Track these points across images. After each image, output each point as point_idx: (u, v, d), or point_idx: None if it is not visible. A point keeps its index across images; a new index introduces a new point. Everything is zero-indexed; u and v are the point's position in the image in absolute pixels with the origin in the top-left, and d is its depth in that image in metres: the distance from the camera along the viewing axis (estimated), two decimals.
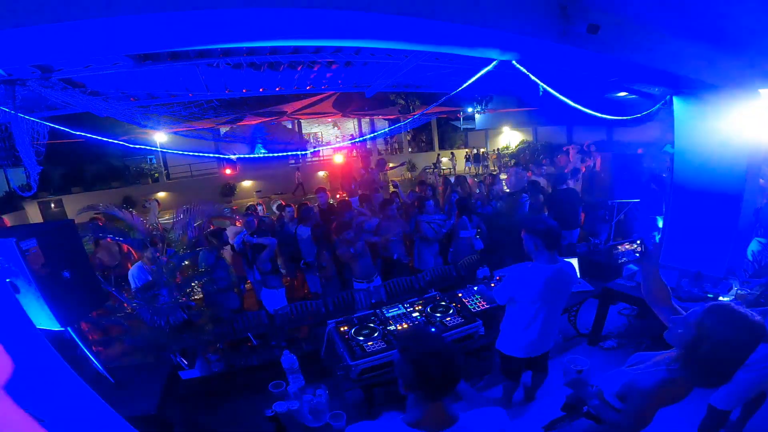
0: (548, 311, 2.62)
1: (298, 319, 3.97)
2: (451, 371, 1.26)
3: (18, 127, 2.68)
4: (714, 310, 1.46)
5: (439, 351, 1.26)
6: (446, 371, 1.25)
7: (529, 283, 2.52)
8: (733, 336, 1.37)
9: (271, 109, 7.83)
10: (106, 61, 2.99)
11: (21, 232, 1.76)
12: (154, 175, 17.35)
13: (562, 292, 2.65)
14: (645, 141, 13.54)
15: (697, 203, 4.43)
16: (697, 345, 1.43)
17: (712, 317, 1.43)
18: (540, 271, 2.50)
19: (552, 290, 2.55)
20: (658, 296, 1.86)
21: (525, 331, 2.65)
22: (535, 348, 2.72)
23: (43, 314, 1.79)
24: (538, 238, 2.48)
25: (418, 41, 2.55)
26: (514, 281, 2.60)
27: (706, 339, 1.41)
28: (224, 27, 1.93)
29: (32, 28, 1.54)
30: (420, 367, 1.25)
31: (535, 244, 2.51)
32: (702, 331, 1.43)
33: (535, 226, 2.51)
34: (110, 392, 2.05)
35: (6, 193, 12.56)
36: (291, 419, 2.13)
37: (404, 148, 21.92)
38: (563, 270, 2.54)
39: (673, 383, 1.51)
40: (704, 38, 3.33)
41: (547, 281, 2.49)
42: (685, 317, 1.54)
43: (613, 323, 4.22)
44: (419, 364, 1.25)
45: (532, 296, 2.54)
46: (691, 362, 1.46)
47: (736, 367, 1.41)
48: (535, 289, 2.52)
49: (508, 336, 2.75)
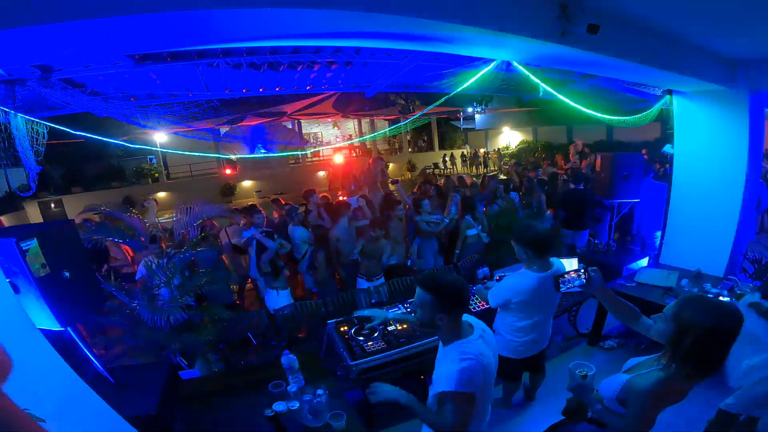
0: (541, 314, 2.62)
1: (298, 319, 3.96)
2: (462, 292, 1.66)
3: (17, 127, 2.68)
4: (688, 302, 1.51)
5: (450, 280, 1.66)
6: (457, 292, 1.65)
7: (522, 292, 2.53)
8: (712, 323, 1.40)
9: (272, 109, 7.83)
10: (106, 61, 2.99)
11: (21, 232, 1.76)
12: (154, 175, 17.35)
13: (556, 295, 2.64)
14: (645, 141, 13.55)
15: (697, 203, 4.43)
16: (680, 338, 1.46)
17: (688, 309, 1.47)
18: (533, 280, 2.50)
19: (544, 296, 2.55)
20: (627, 316, 1.94)
21: (517, 334, 2.65)
22: (528, 349, 2.71)
23: (43, 314, 1.79)
24: (527, 247, 2.49)
25: (418, 41, 2.55)
26: (506, 289, 2.61)
27: (687, 331, 1.44)
28: (224, 27, 1.94)
29: (32, 28, 1.54)
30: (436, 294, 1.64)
31: (525, 253, 2.51)
32: (681, 324, 1.46)
33: (523, 236, 2.51)
34: (110, 392, 2.05)
35: (6, 193, 12.56)
36: (291, 419, 2.13)
37: (404, 148, 21.91)
38: (557, 273, 2.54)
39: (669, 381, 1.52)
40: (704, 38, 3.33)
41: (539, 288, 2.49)
42: (663, 312, 1.58)
43: (613, 323, 4.22)
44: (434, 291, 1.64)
45: (524, 303, 2.55)
46: (679, 356, 1.48)
47: (725, 353, 1.44)
48: (527, 296, 2.52)
49: (502, 338, 2.74)
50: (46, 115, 3.51)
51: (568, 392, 1.92)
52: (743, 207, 4.09)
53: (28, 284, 1.72)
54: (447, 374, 1.59)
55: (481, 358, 1.60)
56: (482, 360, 1.61)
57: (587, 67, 3.42)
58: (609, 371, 1.84)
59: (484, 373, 1.62)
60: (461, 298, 1.67)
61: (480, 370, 1.59)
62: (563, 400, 2.12)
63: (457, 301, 1.66)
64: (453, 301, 1.66)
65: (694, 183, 4.44)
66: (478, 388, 1.60)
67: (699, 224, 4.38)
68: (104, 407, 1.79)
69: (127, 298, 2.95)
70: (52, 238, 1.87)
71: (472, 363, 1.57)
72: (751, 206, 4.34)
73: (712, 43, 3.45)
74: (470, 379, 1.56)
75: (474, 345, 1.64)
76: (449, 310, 1.66)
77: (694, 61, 3.55)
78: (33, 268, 1.72)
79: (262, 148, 8.51)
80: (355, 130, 21.09)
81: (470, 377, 1.56)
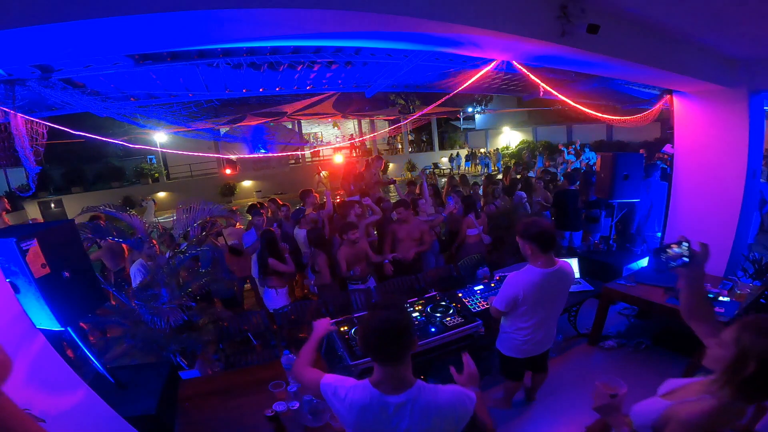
0: (547, 312, 2.62)
1: (298, 319, 3.96)
2: (393, 344, 1.40)
3: (17, 127, 2.68)
4: (749, 325, 1.36)
5: (383, 326, 1.40)
6: (387, 343, 1.40)
7: (528, 287, 2.52)
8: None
9: (272, 109, 7.83)
10: (106, 61, 2.99)
11: (21, 232, 1.76)
12: (154, 175, 17.36)
13: (561, 292, 2.65)
14: (645, 141, 13.56)
15: (697, 203, 4.43)
16: (741, 365, 1.32)
17: (750, 332, 1.34)
18: (537, 275, 2.49)
19: (550, 292, 2.55)
20: (699, 312, 1.69)
21: (524, 333, 2.65)
22: (535, 348, 2.71)
23: (43, 314, 1.79)
24: (532, 242, 2.48)
25: (418, 41, 2.55)
26: (513, 285, 2.58)
27: (749, 356, 1.31)
28: (224, 27, 1.93)
29: (32, 28, 1.54)
30: (363, 338, 1.45)
31: (530, 249, 2.50)
32: (742, 348, 1.33)
33: (528, 231, 2.50)
34: (110, 392, 2.05)
35: (6, 193, 12.57)
36: (291, 419, 2.13)
37: (404, 148, 21.93)
38: (562, 270, 2.54)
39: (722, 410, 1.38)
40: (704, 38, 3.33)
41: (544, 284, 2.49)
42: (720, 337, 1.43)
43: (613, 323, 4.22)
44: (364, 334, 1.44)
45: (530, 300, 2.54)
46: (739, 384, 1.34)
47: None
48: (532, 292, 2.51)
49: (507, 337, 2.75)
50: (46, 115, 3.51)
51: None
52: (743, 207, 4.09)
53: (28, 284, 1.72)
54: None
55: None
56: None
57: (587, 67, 3.42)
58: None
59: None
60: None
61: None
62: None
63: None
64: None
65: (694, 183, 4.44)
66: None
67: (699, 224, 4.38)
68: (104, 407, 1.79)
69: (126, 298, 2.95)
70: (52, 238, 1.87)
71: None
72: (751, 206, 4.34)
73: (712, 43, 3.45)
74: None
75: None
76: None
77: (694, 61, 3.55)
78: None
79: (262, 148, 8.51)
80: (355, 130, 21.10)
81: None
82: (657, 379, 1.68)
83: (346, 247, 4.26)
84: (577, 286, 4.14)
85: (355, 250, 4.31)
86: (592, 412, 1.73)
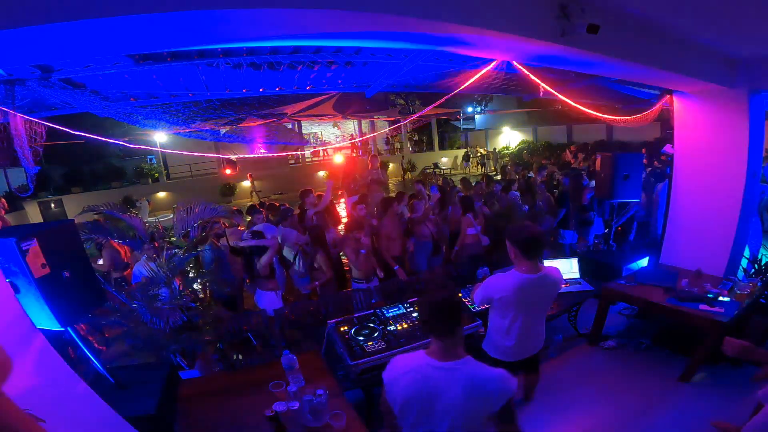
0: (526, 318, 2.57)
1: (298, 319, 3.97)
2: (451, 318, 1.63)
3: (16, 127, 2.68)
4: None
5: (442, 303, 1.63)
6: (446, 317, 1.62)
7: (504, 290, 2.51)
8: None
9: (272, 110, 7.83)
10: (106, 61, 2.99)
11: (21, 232, 1.76)
12: (154, 175, 17.35)
13: (543, 298, 2.62)
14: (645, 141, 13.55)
15: (697, 203, 4.43)
16: None
17: None
18: (516, 279, 2.48)
19: (529, 298, 2.52)
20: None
21: (504, 336, 2.63)
22: (517, 353, 2.67)
23: (43, 314, 1.79)
24: (517, 247, 2.48)
25: (418, 41, 2.55)
26: (488, 286, 2.60)
27: None
28: (224, 27, 1.93)
29: (32, 28, 1.54)
30: (427, 312, 1.68)
31: (515, 253, 2.51)
32: None
33: (514, 235, 2.51)
34: (110, 392, 2.04)
35: (6, 193, 12.57)
36: (291, 419, 2.13)
37: (404, 148, 21.92)
38: (547, 277, 2.51)
39: None
40: (704, 38, 3.33)
41: (523, 289, 2.47)
42: None
43: (613, 323, 4.22)
44: (428, 309, 1.67)
45: (507, 303, 2.53)
46: None
47: None
48: (509, 296, 2.50)
49: (491, 339, 2.74)
50: (46, 115, 3.51)
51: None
52: (743, 207, 4.08)
53: (28, 284, 1.72)
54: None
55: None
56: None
57: (587, 67, 3.42)
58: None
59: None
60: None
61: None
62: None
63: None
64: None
65: (694, 183, 4.44)
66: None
67: (699, 224, 4.38)
68: (104, 407, 1.79)
69: (126, 298, 2.95)
70: (52, 238, 1.87)
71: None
72: (751, 206, 4.33)
73: (712, 43, 3.45)
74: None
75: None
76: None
77: (694, 61, 3.55)
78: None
79: (262, 148, 8.51)
80: (355, 130, 21.09)
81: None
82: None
83: (352, 242, 4.38)
84: (577, 286, 4.15)
85: (360, 247, 4.38)
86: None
